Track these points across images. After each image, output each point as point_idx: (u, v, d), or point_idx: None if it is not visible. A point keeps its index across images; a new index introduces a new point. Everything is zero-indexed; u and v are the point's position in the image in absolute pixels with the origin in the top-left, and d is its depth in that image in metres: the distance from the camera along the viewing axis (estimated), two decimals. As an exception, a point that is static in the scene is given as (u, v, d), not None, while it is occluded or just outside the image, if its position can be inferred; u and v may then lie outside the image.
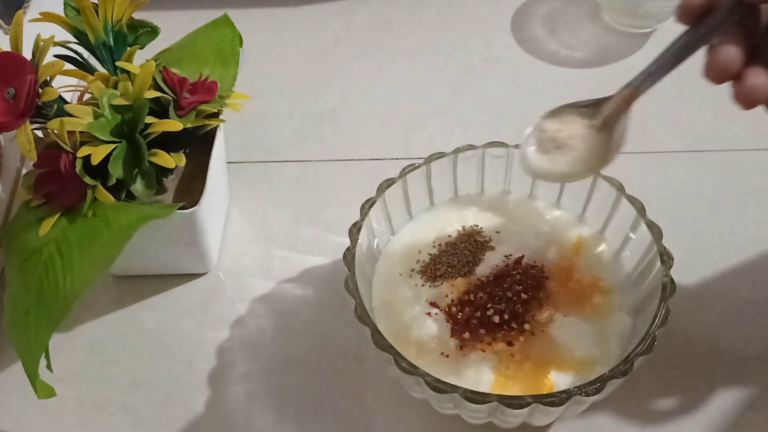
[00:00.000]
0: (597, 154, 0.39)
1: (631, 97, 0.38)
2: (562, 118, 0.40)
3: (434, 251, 0.48)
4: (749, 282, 0.51)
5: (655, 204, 0.46)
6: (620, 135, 0.39)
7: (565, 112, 0.40)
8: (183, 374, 0.49)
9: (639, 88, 0.38)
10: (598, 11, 0.70)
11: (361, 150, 0.61)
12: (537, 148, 0.40)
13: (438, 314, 0.45)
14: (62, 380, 0.45)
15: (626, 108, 0.39)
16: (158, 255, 0.52)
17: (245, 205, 0.58)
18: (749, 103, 0.34)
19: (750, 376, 0.46)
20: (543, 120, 0.41)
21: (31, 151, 0.44)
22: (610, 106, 0.39)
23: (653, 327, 0.39)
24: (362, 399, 0.47)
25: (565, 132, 0.40)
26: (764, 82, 0.34)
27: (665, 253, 0.42)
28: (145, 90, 0.46)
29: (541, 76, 0.66)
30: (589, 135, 0.40)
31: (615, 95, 0.39)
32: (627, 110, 0.39)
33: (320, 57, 0.69)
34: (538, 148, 0.40)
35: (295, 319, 0.51)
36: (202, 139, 0.51)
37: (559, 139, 0.40)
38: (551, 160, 0.40)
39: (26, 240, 0.46)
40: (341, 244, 0.44)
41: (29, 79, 0.43)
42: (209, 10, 0.66)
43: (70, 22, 0.49)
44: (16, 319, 0.44)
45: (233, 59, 0.54)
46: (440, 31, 0.71)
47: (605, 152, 0.39)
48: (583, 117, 0.40)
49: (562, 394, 0.37)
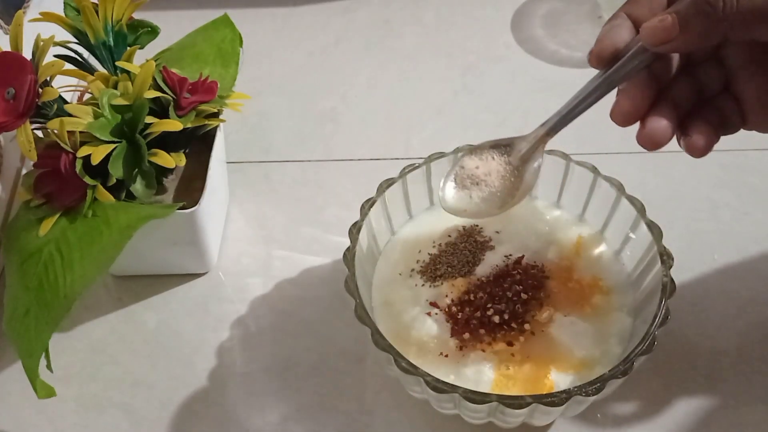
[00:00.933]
0: (511, 189, 0.41)
1: (544, 138, 0.40)
2: (481, 155, 0.42)
3: (434, 251, 0.48)
4: (749, 282, 0.51)
5: (655, 204, 0.46)
6: (534, 172, 0.41)
7: (485, 150, 0.42)
8: (183, 374, 0.49)
9: (552, 129, 0.40)
10: (598, 11, 0.70)
11: (361, 150, 0.61)
12: (455, 184, 0.42)
13: (438, 314, 0.45)
14: (62, 380, 0.45)
15: (540, 147, 0.41)
16: (158, 255, 0.52)
17: (245, 205, 0.58)
18: (650, 145, 0.36)
19: (750, 376, 0.46)
20: (463, 157, 0.43)
21: (31, 151, 0.44)
22: (526, 145, 0.41)
23: (653, 327, 0.39)
24: (362, 399, 0.47)
25: (482, 169, 0.42)
26: (664, 127, 0.36)
27: (665, 253, 0.42)
28: (145, 90, 0.46)
29: (541, 76, 0.66)
30: (505, 171, 0.42)
31: (530, 134, 0.41)
32: (541, 149, 0.41)
33: (320, 57, 0.69)
34: (457, 184, 0.42)
35: (295, 319, 0.51)
36: (202, 139, 0.51)
37: (476, 176, 0.42)
38: (468, 196, 0.42)
39: (26, 240, 0.46)
40: (341, 244, 0.44)
41: (29, 79, 0.43)
42: (209, 10, 0.66)
43: (70, 22, 0.49)
44: (16, 319, 0.44)
45: (233, 59, 0.54)
46: (440, 31, 0.71)
47: (519, 188, 0.41)
48: (501, 154, 0.42)
49: (562, 394, 0.37)
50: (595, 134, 0.61)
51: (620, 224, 0.46)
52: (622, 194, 0.45)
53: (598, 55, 0.37)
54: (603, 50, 0.37)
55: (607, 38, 0.37)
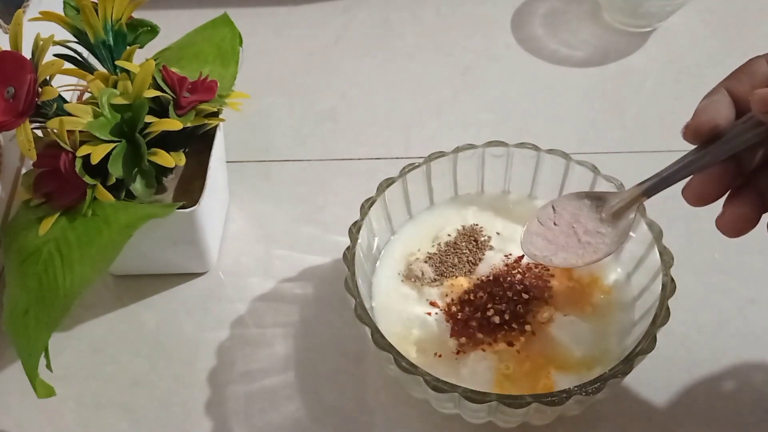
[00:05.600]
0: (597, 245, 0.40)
1: (639, 198, 0.39)
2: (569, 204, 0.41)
3: (434, 251, 0.48)
4: (749, 282, 0.51)
5: (655, 204, 0.46)
6: (625, 230, 0.40)
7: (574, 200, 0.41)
8: (183, 374, 0.49)
9: (649, 191, 0.38)
10: (598, 10, 0.70)
11: (361, 149, 0.61)
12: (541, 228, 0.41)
13: (438, 314, 0.45)
14: (62, 380, 0.45)
15: (633, 207, 0.40)
16: (158, 254, 0.52)
17: (245, 205, 0.58)
18: (733, 233, 0.36)
19: (751, 376, 0.46)
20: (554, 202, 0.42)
21: (30, 151, 0.44)
22: (620, 202, 0.40)
23: (653, 327, 0.39)
24: (362, 399, 0.47)
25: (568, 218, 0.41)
26: (747, 214, 0.36)
27: (665, 252, 0.42)
28: (144, 89, 0.46)
29: (541, 75, 0.66)
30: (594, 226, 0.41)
31: (624, 192, 0.40)
32: (633, 209, 0.40)
33: (320, 56, 0.69)
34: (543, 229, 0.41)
35: (294, 318, 0.51)
36: (202, 138, 0.51)
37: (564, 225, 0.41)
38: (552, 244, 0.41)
39: (26, 239, 0.46)
40: (341, 243, 0.44)
41: (29, 78, 0.43)
42: (209, 9, 0.66)
43: (70, 21, 0.49)
44: (16, 318, 0.44)
45: (233, 58, 0.54)
46: (440, 30, 0.70)
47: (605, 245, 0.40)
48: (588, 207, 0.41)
49: (562, 393, 0.37)
50: (595, 134, 0.61)
51: (620, 224, 0.46)
52: (623, 194, 0.45)
53: (695, 131, 0.35)
54: (701, 126, 0.34)
55: (705, 113, 0.34)
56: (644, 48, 0.67)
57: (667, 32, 0.68)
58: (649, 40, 0.68)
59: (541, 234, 0.41)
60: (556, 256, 0.41)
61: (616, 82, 0.65)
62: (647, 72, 0.65)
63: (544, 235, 0.41)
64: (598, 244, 0.40)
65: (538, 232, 0.41)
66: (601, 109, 0.63)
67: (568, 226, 0.41)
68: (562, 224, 0.41)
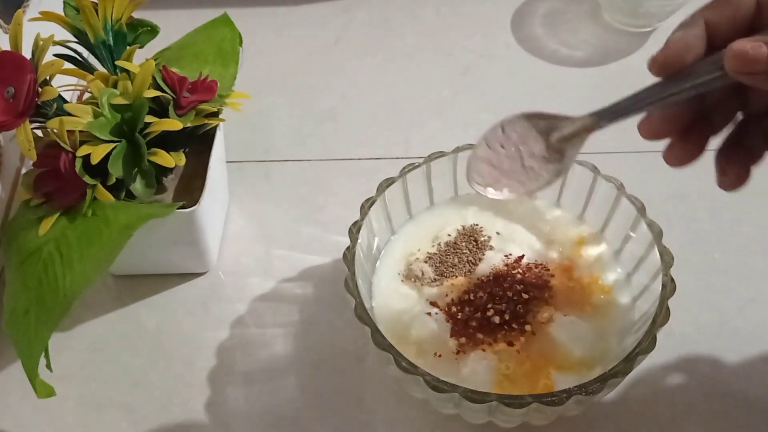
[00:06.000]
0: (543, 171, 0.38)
1: (591, 127, 0.36)
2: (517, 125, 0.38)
3: (434, 251, 0.48)
4: (749, 282, 0.51)
5: (655, 204, 0.46)
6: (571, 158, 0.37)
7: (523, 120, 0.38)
8: (183, 374, 0.49)
9: (601, 120, 0.35)
10: (598, 10, 0.70)
11: (361, 149, 0.61)
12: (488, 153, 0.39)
13: (438, 314, 0.45)
14: (62, 380, 0.45)
15: (583, 135, 0.36)
16: (158, 254, 0.52)
17: (245, 205, 0.58)
18: (731, 188, 0.35)
19: (751, 376, 0.46)
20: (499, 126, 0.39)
21: (30, 151, 0.44)
22: (570, 128, 0.36)
23: (653, 327, 0.39)
24: (362, 399, 0.47)
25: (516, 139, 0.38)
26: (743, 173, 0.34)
27: (665, 252, 0.42)
28: (144, 89, 0.46)
29: (541, 75, 0.66)
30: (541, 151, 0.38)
31: (576, 118, 0.36)
32: (584, 137, 0.36)
33: (320, 56, 0.69)
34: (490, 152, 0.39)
35: (294, 318, 0.51)
36: (202, 138, 0.51)
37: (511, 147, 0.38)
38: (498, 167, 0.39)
39: (26, 239, 0.46)
40: (341, 243, 0.44)
41: (29, 78, 0.43)
42: (209, 9, 0.66)
43: (70, 21, 0.49)
44: (16, 318, 0.44)
45: (233, 58, 0.54)
46: (440, 30, 0.70)
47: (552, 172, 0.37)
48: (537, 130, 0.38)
49: (562, 393, 0.37)
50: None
51: (620, 224, 0.46)
52: (622, 194, 0.45)
53: (662, 65, 0.32)
54: (668, 60, 0.32)
55: (676, 44, 0.32)
56: (644, 48, 0.67)
57: (667, 32, 0.67)
58: (649, 40, 0.67)
59: (486, 159, 0.39)
60: (498, 184, 0.38)
61: (616, 82, 0.65)
62: (647, 72, 0.65)
63: (489, 160, 0.39)
64: (541, 170, 0.37)
65: (484, 156, 0.39)
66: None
67: (516, 148, 0.38)
68: (508, 146, 0.38)
